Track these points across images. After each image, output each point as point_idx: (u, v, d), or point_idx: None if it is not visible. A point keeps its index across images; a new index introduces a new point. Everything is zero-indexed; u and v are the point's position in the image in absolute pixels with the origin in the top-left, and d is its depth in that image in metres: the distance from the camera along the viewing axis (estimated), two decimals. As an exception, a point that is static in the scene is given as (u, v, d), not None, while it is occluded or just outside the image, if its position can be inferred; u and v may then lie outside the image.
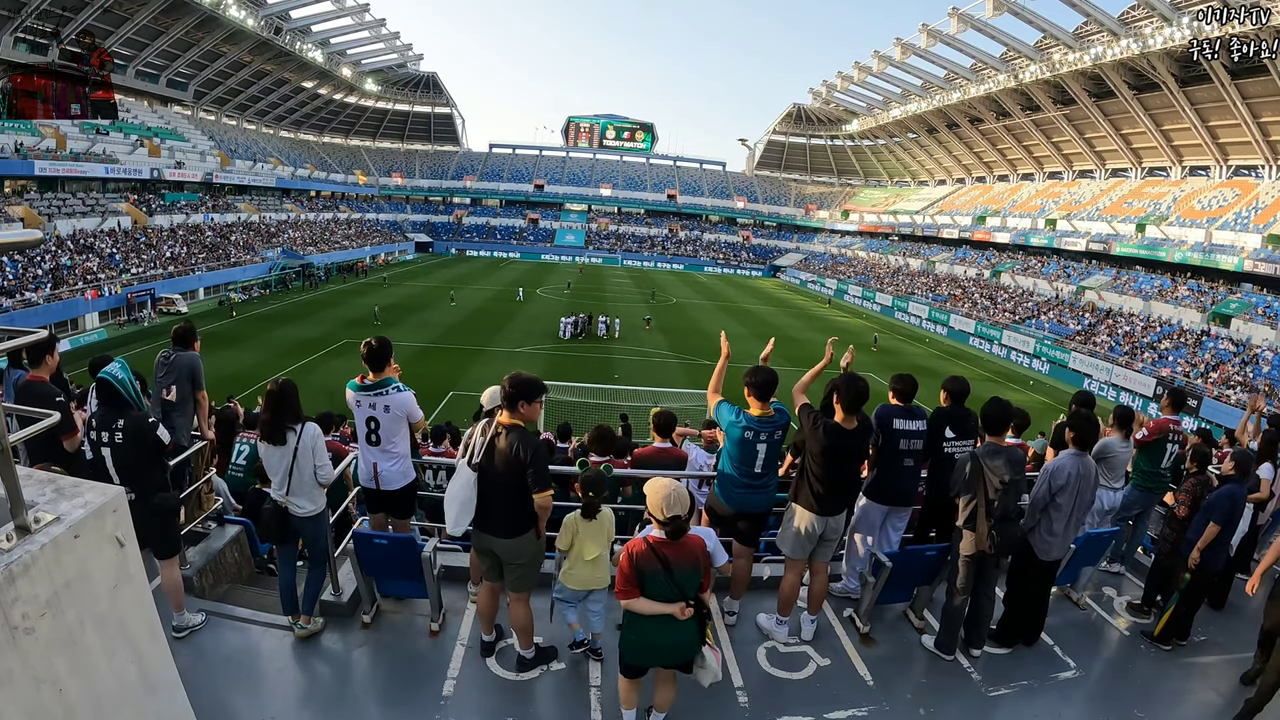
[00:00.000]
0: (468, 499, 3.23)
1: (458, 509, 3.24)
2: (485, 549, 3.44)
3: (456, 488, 3.25)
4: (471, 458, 3.24)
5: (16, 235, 4.54)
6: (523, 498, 3.28)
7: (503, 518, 3.32)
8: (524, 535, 3.36)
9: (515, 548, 3.37)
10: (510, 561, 3.41)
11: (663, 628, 2.86)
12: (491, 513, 3.31)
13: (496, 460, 3.22)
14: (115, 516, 1.83)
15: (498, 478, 3.24)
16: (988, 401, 4.01)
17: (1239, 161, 37.92)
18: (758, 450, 3.77)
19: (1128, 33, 35.45)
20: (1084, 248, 40.93)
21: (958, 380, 4.47)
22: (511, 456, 3.20)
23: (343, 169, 70.61)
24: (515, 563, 3.41)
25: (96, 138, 38.28)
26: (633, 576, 2.83)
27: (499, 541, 3.36)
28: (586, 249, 72.02)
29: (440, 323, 31.97)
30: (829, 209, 76.90)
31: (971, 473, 3.74)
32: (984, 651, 4.08)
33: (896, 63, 50.37)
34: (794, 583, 3.99)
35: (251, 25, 44.73)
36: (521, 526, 3.34)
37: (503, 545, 3.36)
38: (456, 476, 3.27)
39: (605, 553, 3.46)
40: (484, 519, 3.32)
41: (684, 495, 2.83)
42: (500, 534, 3.34)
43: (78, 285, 28.03)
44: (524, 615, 3.53)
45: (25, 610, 1.52)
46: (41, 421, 1.73)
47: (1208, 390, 25.36)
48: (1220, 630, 4.69)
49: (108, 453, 3.43)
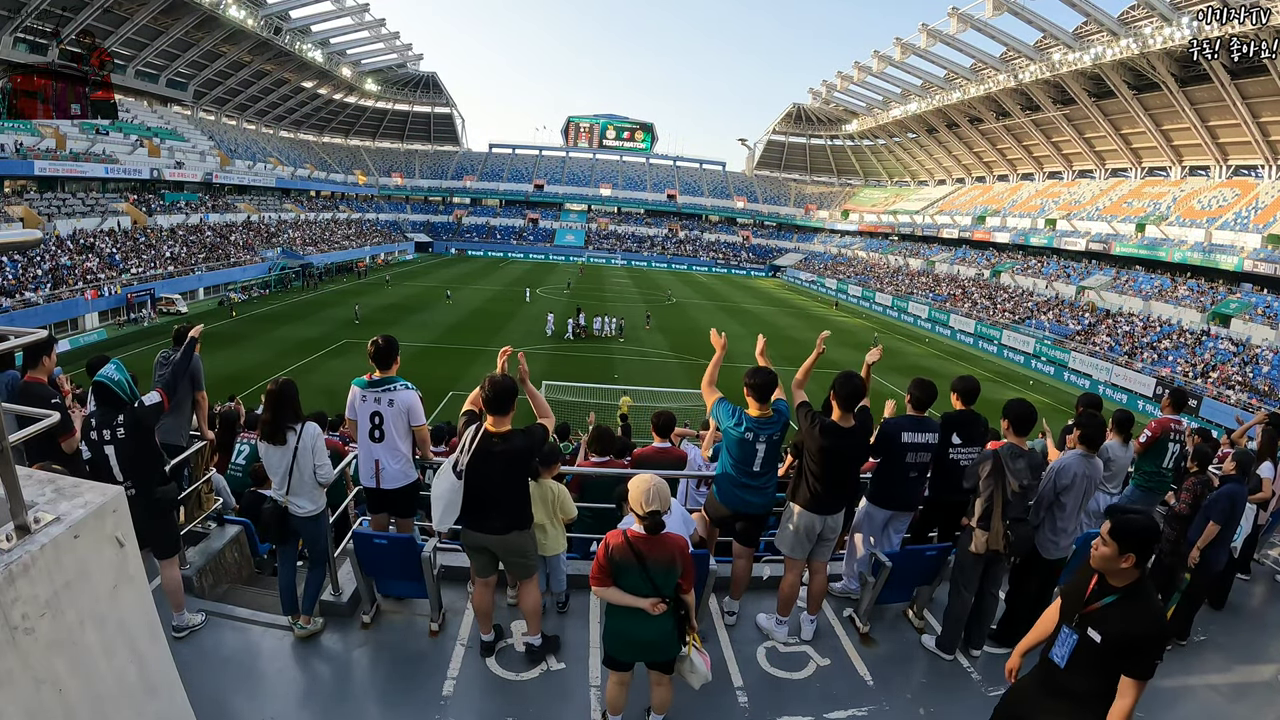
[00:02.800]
0: (452, 500, 3.25)
1: (443, 509, 3.27)
2: (479, 546, 3.47)
3: (442, 489, 3.26)
4: (457, 464, 3.25)
5: (16, 235, 4.54)
6: (518, 496, 3.35)
7: (498, 517, 3.36)
8: (520, 532, 3.42)
9: (511, 543, 3.41)
10: (508, 557, 3.46)
11: (638, 622, 2.89)
12: (486, 512, 3.33)
13: (491, 463, 3.25)
14: (115, 516, 1.83)
15: (491, 479, 3.27)
16: (1015, 401, 3.90)
17: (1239, 161, 37.93)
18: (757, 450, 3.78)
19: (1127, 33, 35.44)
20: (1084, 248, 40.93)
21: (967, 380, 4.34)
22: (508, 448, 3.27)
23: (342, 169, 70.61)
24: (513, 557, 3.46)
25: (96, 138, 38.27)
26: (607, 567, 2.88)
27: (493, 539, 3.40)
28: (586, 249, 72.01)
29: (440, 322, 31.97)
30: (829, 209, 76.90)
31: (992, 472, 3.70)
32: (984, 651, 4.08)
33: (896, 63, 50.36)
34: (793, 582, 3.99)
35: (251, 25, 44.71)
36: (517, 523, 3.40)
37: (498, 541, 3.41)
38: (443, 477, 3.27)
39: (546, 522, 3.70)
40: (478, 518, 3.34)
41: (664, 491, 2.86)
42: (495, 531, 3.38)
43: (77, 285, 28.02)
44: (535, 598, 3.62)
45: (25, 610, 1.51)
46: (41, 421, 1.73)
47: (1208, 390, 25.36)
48: (1220, 630, 4.68)
49: (111, 450, 3.43)
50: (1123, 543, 2.30)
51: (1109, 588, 2.36)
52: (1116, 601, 2.33)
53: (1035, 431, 4.17)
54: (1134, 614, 2.28)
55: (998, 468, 3.69)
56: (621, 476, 4.87)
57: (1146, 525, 2.33)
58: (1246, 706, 3.98)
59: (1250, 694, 4.11)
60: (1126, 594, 2.33)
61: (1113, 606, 2.33)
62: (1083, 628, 2.37)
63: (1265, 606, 5.30)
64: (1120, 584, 2.34)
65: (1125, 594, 2.33)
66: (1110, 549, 2.33)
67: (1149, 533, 2.32)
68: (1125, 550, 2.29)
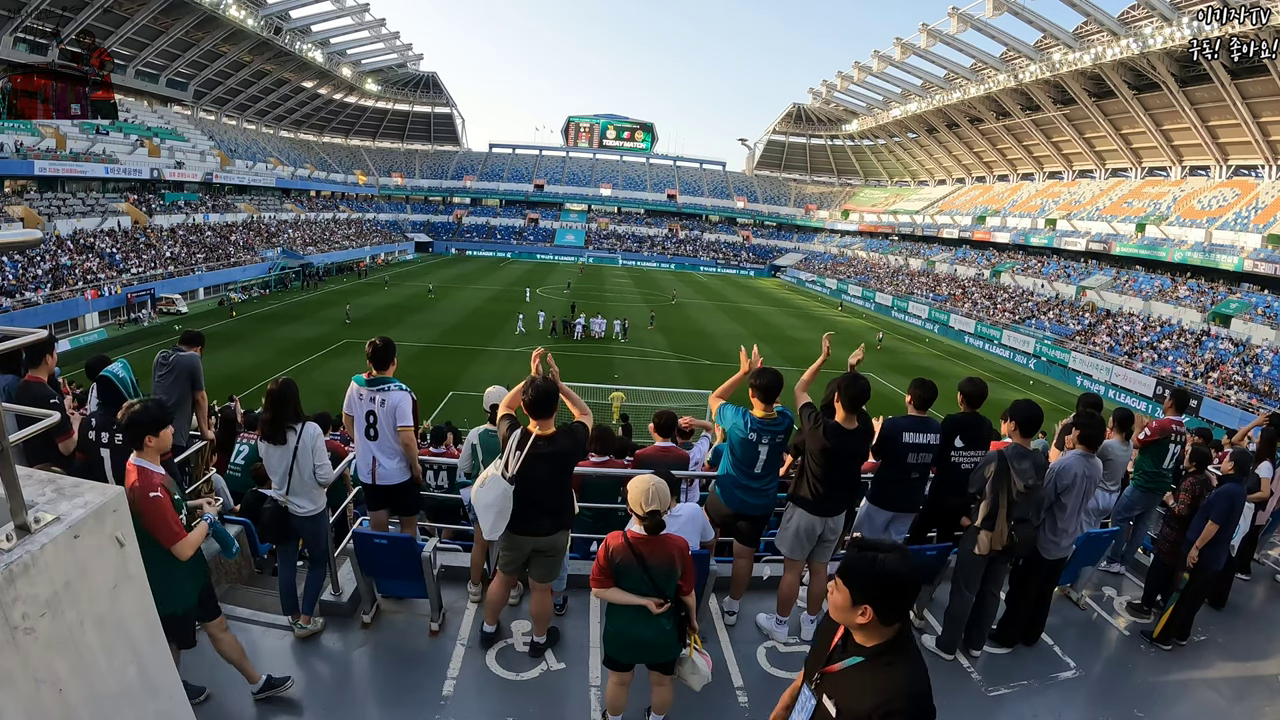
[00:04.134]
0: (504, 508, 3.25)
1: (494, 517, 3.25)
2: (524, 550, 3.47)
3: (492, 496, 3.24)
4: (507, 470, 3.25)
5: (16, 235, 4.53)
6: (565, 496, 3.47)
7: (545, 519, 3.39)
8: (565, 531, 3.52)
9: (557, 543, 3.48)
10: (546, 554, 3.49)
11: (639, 622, 2.89)
12: (533, 516, 3.35)
13: (538, 468, 3.26)
14: (115, 516, 1.83)
15: (541, 482, 3.29)
16: (1022, 402, 3.89)
17: (1239, 161, 37.92)
18: (759, 452, 3.78)
19: (1128, 32, 35.44)
20: (1084, 248, 40.94)
21: (976, 383, 4.29)
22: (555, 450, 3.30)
23: (343, 169, 70.60)
24: (551, 555, 3.50)
25: (96, 138, 38.26)
26: (608, 568, 2.88)
27: (543, 540, 3.44)
28: (586, 249, 72.00)
29: (439, 323, 31.95)
30: (829, 209, 76.89)
31: (997, 473, 3.69)
32: (984, 651, 4.08)
33: (896, 62, 50.35)
34: (793, 583, 4.00)
35: (251, 25, 44.71)
36: (564, 523, 3.49)
37: (542, 541, 3.45)
38: (492, 485, 3.26)
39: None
40: (527, 522, 3.35)
41: (664, 491, 2.86)
42: (545, 533, 3.42)
43: (78, 285, 28.03)
44: (548, 605, 3.72)
45: (25, 610, 1.51)
46: (41, 421, 1.73)
47: (1208, 390, 25.36)
48: (1220, 630, 4.69)
49: (106, 454, 3.41)
50: (855, 591, 1.71)
51: (854, 646, 1.80)
52: (860, 665, 1.76)
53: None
54: (877, 685, 1.71)
55: (1003, 469, 3.68)
56: (622, 477, 4.88)
57: (890, 571, 1.69)
58: (1246, 706, 3.98)
59: (1250, 694, 4.10)
60: (873, 657, 1.75)
61: (854, 671, 1.77)
62: (820, 693, 1.85)
63: (1265, 606, 5.30)
64: (867, 643, 1.76)
65: (871, 657, 1.75)
66: (841, 597, 1.75)
67: (891, 580, 1.69)
68: (859, 601, 1.70)
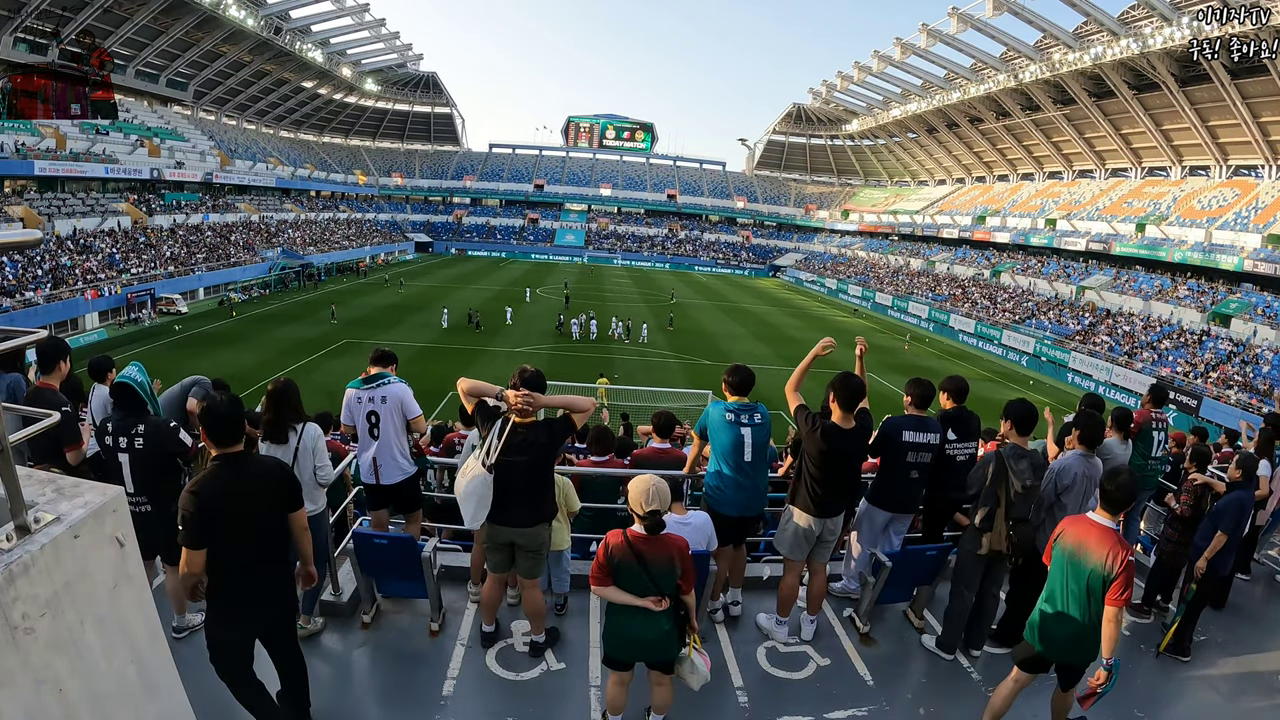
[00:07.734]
0: (484, 496, 3.26)
1: (474, 506, 3.27)
2: (503, 541, 3.48)
3: (472, 486, 3.26)
4: (487, 457, 3.25)
5: (16, 235, 4.52)
6: (544, 487, 3.44)
7: (524, 509, 3.39)
8: (545, 524, 3.49)
9: (537, 535, 3.46)
10: (528, 548, 3.48)
11: (638, 621, 2.89)
12: (512, 506, 3.35)
13: (516, 454, 3.27)
14: (115, 516, 1.83)
15: (517, 472, 3.29)
16: (1017, 401, 3.93)
17: (1239, 161, 37.93)
18: (743, 435, 3.77)
19: (1128, 32, 35.45)
20: (1084, 248, 40.95)
21: (956, 380, 4.46)
22: (533, 440, 3.30)
23: (343, 169, 70.59)
24: (532, 549, 3.49)
25: (96, 138, 38.25)
26: (607, 567, 2.88)
27: (519, 531, 3.43)
28: (586, 249, 72.02)
29: (438, 323, 31.93)
30: (829, 209, 76.89)
31: (995, 473, 3.69)
32: (984, 651, 4.08)
33: (896, 62, 50.35)
34: (792, 583, 4.00)
35: (251, 25, 44.70)
36: (542, 515, 3.47)
37: (521, 534, 3.44)
38: (470, 475, 3.27)
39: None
40: (504, 512, 3.35)
41: (664, 490, 2.87)
42: (521, 524, 3.41)
43: (77, 285, 28.02)
44: (539, 601, 3.69)
45: (25, 610, 1.51)
46: (41, 422, 1.73)
47: (1208, 390, 25.36)
48: (1220, 630, 4.68)
49: (125, 459, 3.40)
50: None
51: None
52: None
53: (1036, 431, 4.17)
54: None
55: (1000, 469, 3.68)
56: (622, 477, 4.88)
57: None
58: (1246, 706, 3.98)
59: (1250, 694, 4.11)
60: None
61: None
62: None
63: (1265, 606, 5.30)
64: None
65: None
66: None
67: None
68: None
